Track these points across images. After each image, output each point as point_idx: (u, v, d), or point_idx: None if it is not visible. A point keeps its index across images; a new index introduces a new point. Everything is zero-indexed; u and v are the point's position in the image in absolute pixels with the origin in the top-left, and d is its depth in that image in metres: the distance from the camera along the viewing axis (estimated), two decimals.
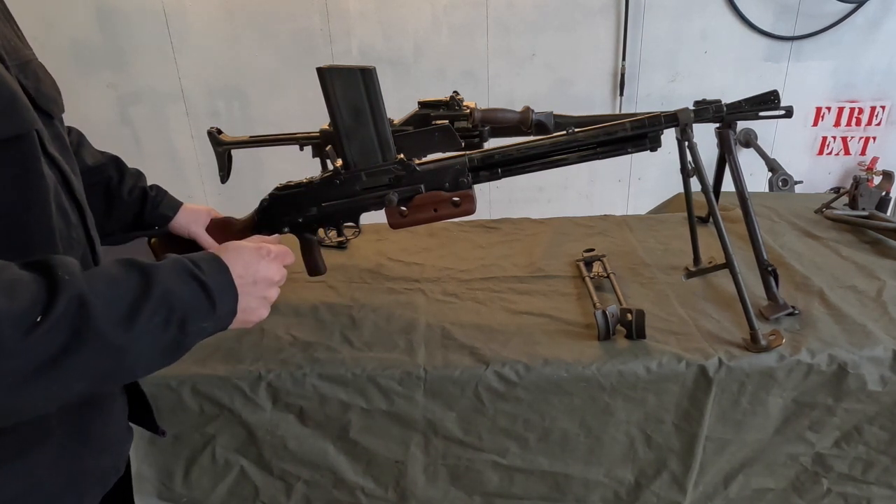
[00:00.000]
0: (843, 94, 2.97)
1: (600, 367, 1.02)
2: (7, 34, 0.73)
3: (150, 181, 1.13)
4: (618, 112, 2.93)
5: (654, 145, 1.03)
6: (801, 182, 2.98)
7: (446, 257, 1.44)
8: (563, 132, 1.04)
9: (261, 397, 1.03)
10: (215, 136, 1.41)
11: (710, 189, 1.10)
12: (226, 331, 0.71)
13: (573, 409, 1.04)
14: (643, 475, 1.10)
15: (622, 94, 2.92)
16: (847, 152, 3.10)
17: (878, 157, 3.06)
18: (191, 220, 1.15)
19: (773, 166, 2.90)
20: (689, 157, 1.08)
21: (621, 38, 2.83)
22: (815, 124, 3.04)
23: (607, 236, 1.53)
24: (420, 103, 1.31)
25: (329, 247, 1.48)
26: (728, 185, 1.29)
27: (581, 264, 1.34)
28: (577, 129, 1.04)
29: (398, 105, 1.35)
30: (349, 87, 1.02)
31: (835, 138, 3.07)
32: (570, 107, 1.35)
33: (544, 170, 1.07)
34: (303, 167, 1.41)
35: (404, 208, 1.08)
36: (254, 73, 2.90)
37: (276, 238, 0.93)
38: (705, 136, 1.24)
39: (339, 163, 1.08)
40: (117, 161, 1.09)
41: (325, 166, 1.30)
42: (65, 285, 0.54)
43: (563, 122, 1.31)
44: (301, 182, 1.13)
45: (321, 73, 1.02)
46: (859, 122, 3.03)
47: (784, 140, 3.05)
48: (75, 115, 0.93)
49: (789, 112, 1.09)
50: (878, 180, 1.87)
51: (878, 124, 3.03)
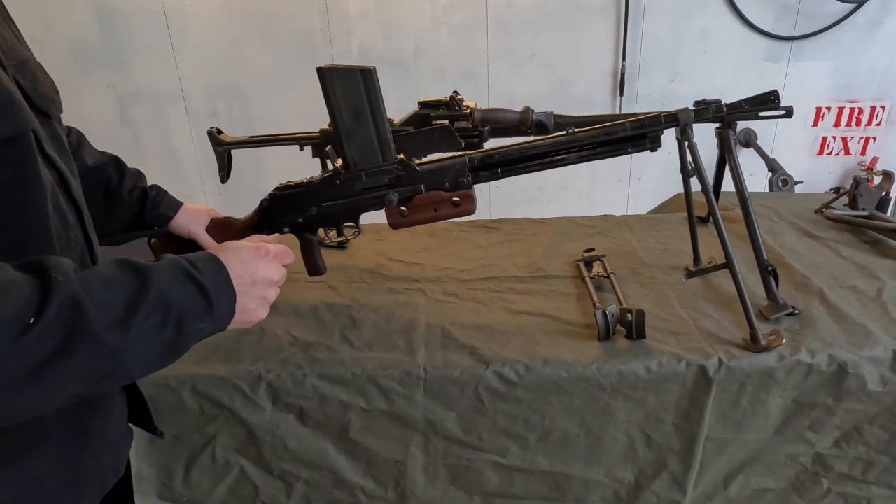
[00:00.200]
0: (843, 94, 2.97)
1: (600, 367, 1.02)
2: (5, 34, 0.72)
3: (150, 181, 1.14)
4: (618, 112, 2.93)
5: (655, 145, 1.03)
6: (801, 182, 2.98)
7: (446, 257, 1.44)
8: (563, 132, 1.04)
9: (261, 397, 1.03)
10: (215, 136, 1.41)
11: (710, 189, 1.10)
12: (224, 331, 0.70)
13: (573, 409, 1.04)
14: (643, 475, 1.10)
15: (622, 94, 2.92)
16: (847, 152, 3.10)
17: (878, 157, 3.07)
18: (191, 220, 1.15)
19: (773, 166, 2.91)
20: (689, 157, 1.08)
21: (621, 38, 2.83)
22: (815, 124, 3.04)
23: (607, 236, 1.53)
24: (420, 103, 1.31)
25: (329, 247, 1.48)
26: (728, 185, 1.29)
27: (581, 264, 1.34)
28: (577, 129, 1.04)
29: (398, 105, 1.35)
30: (349, 87, 1.02)
31: (835, 138, 3.07)
32: (570, 107, 1.35)
33: (544, 170, 1.07)
34: (303, 167, 1.41)
35: (404, 208, 1.08)
36: (254, 72, 2.90)
37: (275, 238, 0.92)
38: (705, 136, 1.24)
39: (339, 163, 1.08)
40: (117, 161, 1.09)
41: (325, 166, 1.30)
42: (58, 287, 0.54)
43: (563, 122, 1.31)
44: (301, 182, 1.13)
45: (321, 73, 1.02)
46: (859, 122, 3.03)
47: (784, 140, 3.05)
48: (75, 115, 0.93)
49: (789, 112, 1.09)
50: (878, 180, 1.87)
51: (879, 124, 3.03)
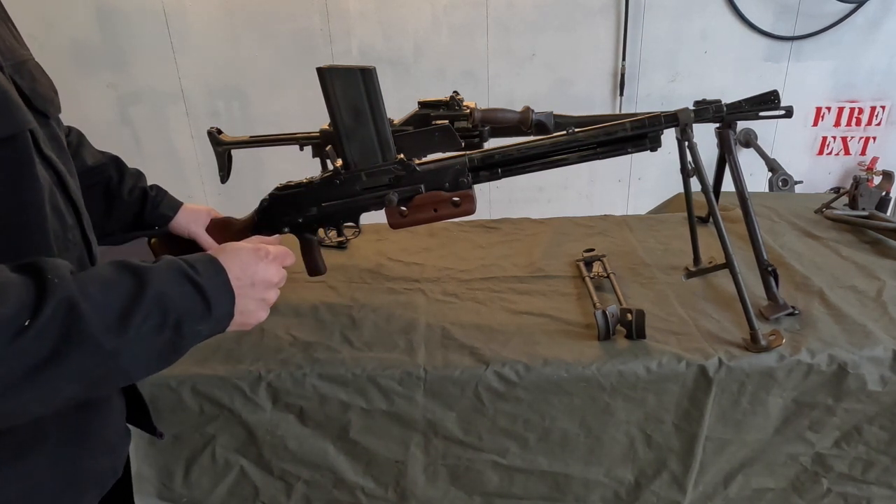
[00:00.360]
0: (843, 94, 2.97)
1: (600, 367, 1.02)
2: (3, 34, 0.72)
3: (150, 181, 1.13)
4: (618, 112, 2.93)
5: (654, 145, 1.03)
6: (801, 182, 2.98)
7: (446, 257, 1.44)
8: (563, 132, 1.04)
9: (261, 397, 1.03)
10: (215, 136, 1.41)
11: (710, 189, 1.10)
12: (223, 333, 0.70)
13: (573, 409, 1.04)
14: (643, 475, 1.10)
15: (622, 94, 2.92)
16: (847, 152, 3.10)
17: (878, 157, 3.07)
18: (191, 220, 1.15)
19: (773, 166, 2.91)
20: (689, 157, 1.08)
21: (621, 38, 2.83)
22: (815, 124, 3.04)
23: (607, 236, 1.53)
24: (420, 103, 1.31)
25: (329, 247, 1.48)
26: (728, 185, 1.29)
27: (581, 264, 1.34)
28: (577, 129, 1.04)
29: (398, 105, 1.35)
30: (349, 87, 1.02)
31: (835, 138, 3.07)
32: (570, 107, 1.35)
33: (544, 170, 1.07)
34: (303, 167, 1.41)
35: (404, 208, 1.08)
36: (254, 73, 2.90)
37: (276, 239, 0.92)
38: (705, 136, 1.24)
39: (339, 163, 1.08)
40: (117, 161, 1.09)
41: (325, 166, 1.30)
42: (54, 289, 0.54)
43: (563, 122, 1.31)
44: (301, 182, 1.13)
45: (321, 73, 1.02)
46: (859, 122, 3.03)
47: (784, 140, 3.05)
48: (75, 116, 0.93)
49: (789, 112, 1.09)
50: (878, 180, 1.87)
51: (879, 124, 3.03)
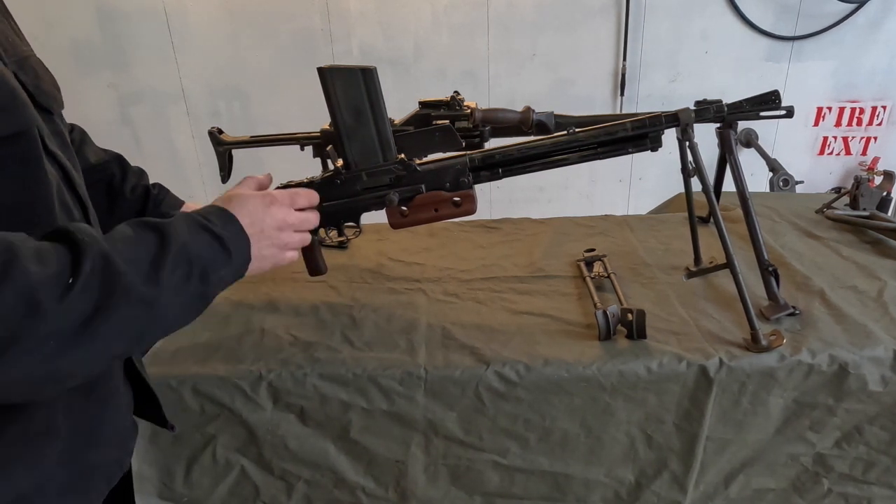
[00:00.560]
0: (844, 94, 2.97)
1: (601, 367, 1.02)
2: (5, 30, 0.72)
3: (151, 181, 1.14)
4: (618, 112, 2.93)
5: (655, 145, 1.03)
6: (801, 182, 2.98)
7: (447, 257, 1.44)
8: (564, 132, 1.04)
9: (261, 397, 1.03)
10: (216, 136, 1.41)
11: (711, 189, 1.10)
12: (244, 278, 0.74)
13: (574, 409, 1.04)
14: (644, 475, 1.10)
15: (623, 94, 2.92)
16: (848, 152, 3.10)
17: (880, 157, 3.06)
18: None
19: (773, 166, 2.90)
20: (690, 157, 1.08)
21: (622, 38, 2.83)
22: (816, 124, 3.04)
23: (608, 236, 1.53)
24: (421, 103, 1.31)
25: (330, 247, 1.48)
26: (729, 185, 1.29)
27: (582, 264, 1.33)
28: (577, 129, 1.03)
29: (398, 105, 1.35)
30: (350, 87, 1.02)
31: (836, 138, 3.07)
32: (571, 107, 1.35)
33: (545, 170, 1.07)
34: (303, 167, 1.41)
35: (405, 208, 1.08)
36: (254, 72, 2.90)
37: (267, 176, 0.92)
38: (706, 136, 1.24)
39: (340, 163, 1.08)
40: (120, 159, 1.09)
41: (325, 166, 1.30)
42: (87, 246, 0.56)
43: (563, 122, 1.31)
44: (302, 182, 1.12)
45: (322, 72, 1.02)
46: (860, 122, 3.03)
47: (785, 140, 3.05)
48: (76, 115, 0.93)
49: (790, 112, 1.09)
50: (879, 180, 1.86)
51: (880, 124, 3.03)
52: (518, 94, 2.93)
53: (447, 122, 1.21)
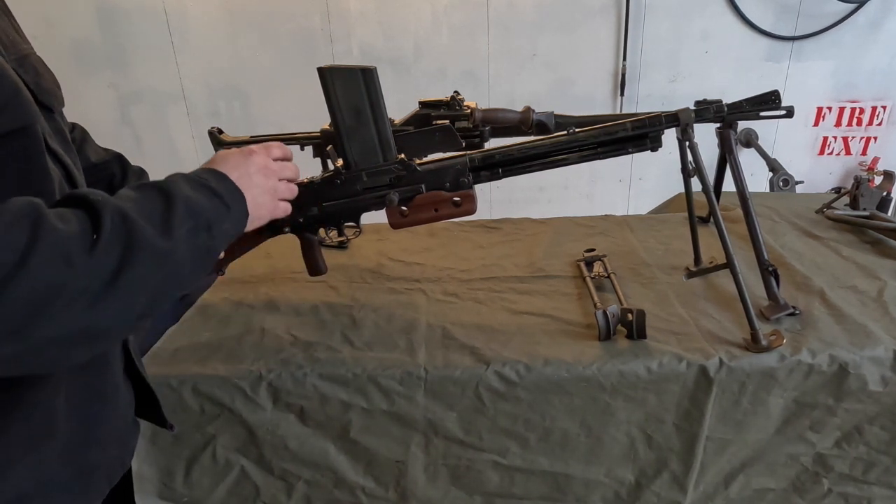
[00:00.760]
0: (844, 94, 2.97)
1: (601, 367, 1.01)
2: (5, 28, 0.72)
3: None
4: (618, 112, 2.93)
5: (655, 145, 1.03)
6: (801, 182, 2.98)
7: (447, 257, 1.44)
8: (564, 132, 1.04)
9: (261, 397, 1.03)
10: (216, 136, 1.41)
11: (711, 189, 1.10)
12: (244, 231, 0.78)
13: (574, 409, 1.04)
14: (644, 475, 1.10)
15: (623, 94, 2.92)
16: (848, 152, 3.10)
17: (880, 157, 3.06)
18: None
19: (773, 166, 2.90)
20: (690, 157, 1.08)
21: (622, 38, 2.83)
22: (816, 124, 3.04)
23: (608, 236, 1.53)
24: (421, 103, 1.31)
25: (330, 247, 1.48)
26: (729, 185, 1.29)
27: (582, 264, 1.33)
28: (577, 129, 1.03)
29: (398, 105, 1.35)
30: (350, 87, 1.02)
31: (836, 138, 3.07)
32: (571, 107, 1.35)
33: (545, 170, 1.07)
34: (303, 167, 1.40)
35: (405, 208, 1.08)
36: (254, 72, 2.90)
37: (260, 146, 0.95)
38: (706, 136, 1.24)
39: (340, 163, 1.08)
40: (121, 158, 1.09)
41: (325, 166, 1.30)
42: (103, 205, 0.59)
43: (563, 122, 1.31)
44: (302, 182, 1.12)
45: (322, 72, 1.02)
46: (860, 122, 3.03)
47: (785, 140, 3.05)
48: (76, 115, 0.93)
49: (790, 112, 1.09)
50: (879, 180, 1.86)
51: (880, 124, 3.03)
52: (518, 94, 2.93)
53: (447, 122, 1.21)
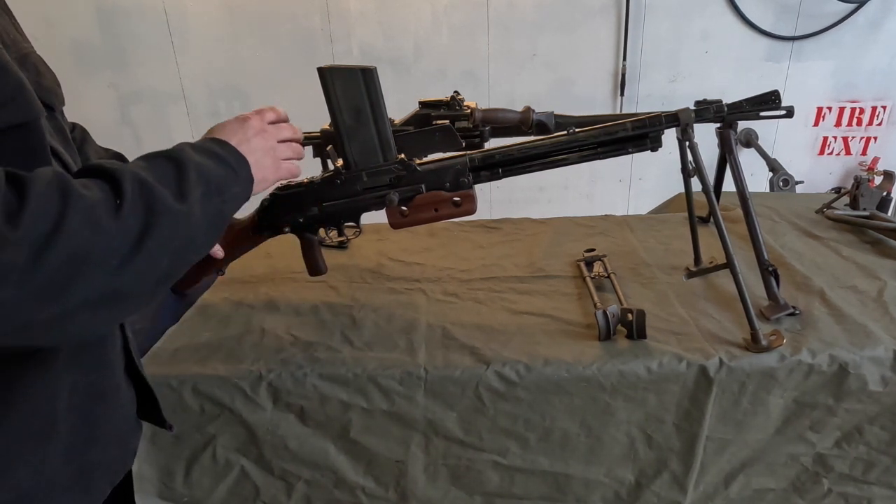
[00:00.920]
0: (844, 94, 2.97)
1: (601, 367, 1.02)
2: (6, 27, 0.72)
3: None
4: (618, 112, 2.93)
5: (655, 145, 1.03)
6: (801, 182, 2.98)
7: (447, 257, 1.44)
8: (564, 132, 1.04)
9: (261, 397, 1.03)
10: None
11: (711, 189, 1.10)
12: (251, 197, 0.80)
13: (574, 409, 1.04)
14: (644, 475, 1.10)
15: (623, 94, 2.92)
16: (848, 152, 3.10)
17: (880, 157, 3.06)
18: None
19: (773, 166, 2.90)
20: (690, 157, 1.08)
21: (622, 38, 2.83)
22: (816, 124, 3.04)
23: (608, 236, 1.53)
24: (421, 103, 1.31)
25: (330, 247, 1.48)
26: (729, 185, 1.29)
27: (582, 264, 1.33)
28: (577, 129, 1.03)
29: (398, 105, 1.35)
30: (350, 87, 1.02)
31: (836, 138, 3.07)
32: (571, 107, 1.35)
33: (545, 170, 1.07)
34: (303, 167, 1.40)
35: (405, 208, 1.08)
36: (254, 72, 2.90)
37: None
38: (706, 136, 1.24)
39: (340, 163, 1.08)
40: (121, 158, 1.09)
41: (325, 166, 1.30)
42: (122, 172, 0.61)
43: (563, 122, 1.31)
44: (302, 182, 1.13)
45: (322, 72, 1.02)
46: (860, 122, 3.03)
47: (785, 140, 3.05)
48: (76, 115, 0.93)
49: (790, 112, 1.09)
50: (879, 180, 1.86)
51: (880, 124, 3.03)
52: (518, 94, 2.93)
53: (447, 122, 1.21)
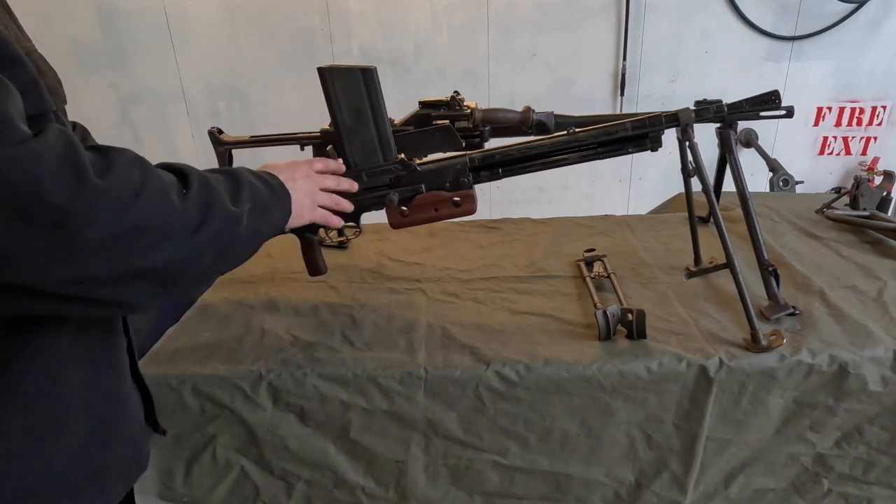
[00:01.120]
0: (843, 93, 2.97)
1: (601, 367, 1.02)
2: (7, 25, 0.73)
3: None
4: (618, 112, 2.93)
5: (655, 145, 1.03)
6: (801, 182, 2.98)
7: (447, 257, 1.44)
8: (564, 132, 1.04)
9: (261, 397, 1.03)
10: (216, 136, 1.41)
11: (711, 189, 1.10)
12: (284, 232, 0.90)
13: (574, 409, 1.04)
14: (644, 475, 1.10)
15: (623, 94, 2.92)
16: (848, 152, 3.10)
17: (879, 157, 3.06)
18: None
19: (773, 166, 2.90)
20: (690, 157, 1.08)
21: (622, 38, 2.83)
22: (816, 124, 3.04)
23: (608, 236, 1.53)
24: (421, 103, 1.31)
25: (330, 247, 1.48)
26: (729, 185, 1.29)
27: (582, 264, 1.33)
28: (577, 129, 1.03)
29: (398, 105, 1.35)
30: (350, 87, 1.02)
31: (836, 138, 3.07)
32: (571, 107, 1.35)
33: (545, 170, 1.07)
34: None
35: (405, 208, 1.08)
36: (254, 72, 2.90)
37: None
38: (706, 136, 1.24)
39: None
40: None
41: None
42: (189, 170, 0.69)
43: (563, 122, 1.31)
44: None
45: (322, 72, 1.02)
46: (860, 122, 3.03)
47: (785, 140, 3.05)
48: (76, 115, 0.93)
49: (790, 112, 1.09)
50: (878, 180, 1.86)
51: (880, 124, 3.03)
52: (518, 94, 2.93)
53: (447, 122, 1.21)
